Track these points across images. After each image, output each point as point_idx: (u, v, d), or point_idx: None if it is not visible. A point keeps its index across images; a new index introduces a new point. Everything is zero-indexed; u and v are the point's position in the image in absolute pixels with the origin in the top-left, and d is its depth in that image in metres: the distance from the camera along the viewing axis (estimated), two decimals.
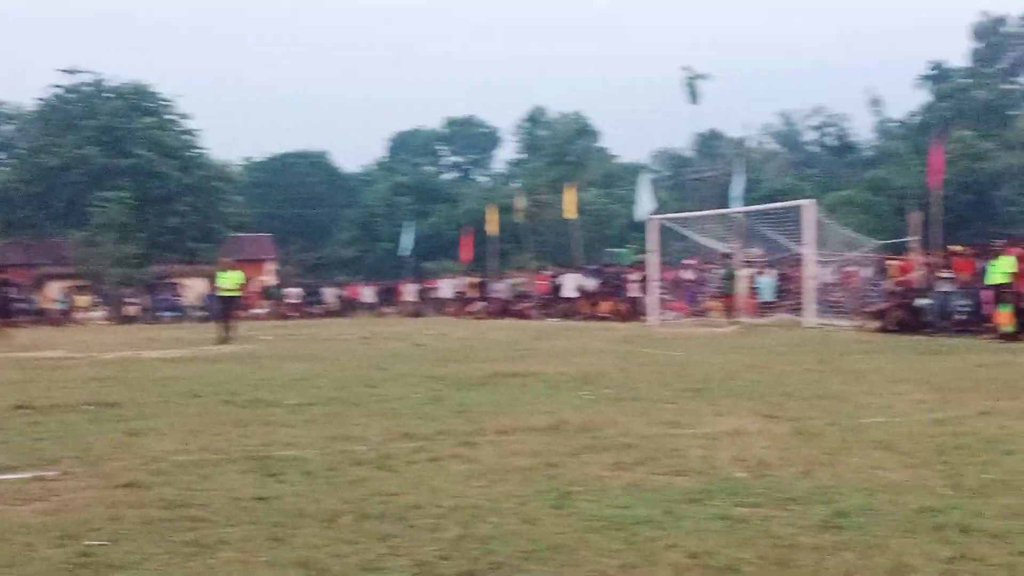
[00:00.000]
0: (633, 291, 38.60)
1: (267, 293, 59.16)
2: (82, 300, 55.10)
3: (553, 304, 42.43)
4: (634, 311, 37.34)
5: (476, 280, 50.77)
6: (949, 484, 6.77)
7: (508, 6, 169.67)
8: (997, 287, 22.65)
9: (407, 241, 60.56)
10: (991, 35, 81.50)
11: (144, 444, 9.01)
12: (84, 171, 62.67)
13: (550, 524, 5.85)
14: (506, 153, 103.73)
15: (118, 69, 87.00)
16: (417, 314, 52.66)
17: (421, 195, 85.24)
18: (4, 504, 6.67)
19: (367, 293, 57.19)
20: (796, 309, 30.86)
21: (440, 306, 53.33)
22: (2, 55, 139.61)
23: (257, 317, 53.54)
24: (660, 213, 38.32)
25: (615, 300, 39.09)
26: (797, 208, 30.82)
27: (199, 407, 11.72)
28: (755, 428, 9.25)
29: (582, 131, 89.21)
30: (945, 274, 25.61)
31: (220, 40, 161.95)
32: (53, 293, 56.26)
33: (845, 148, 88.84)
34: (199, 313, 53.15)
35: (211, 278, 44.34)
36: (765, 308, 33.88)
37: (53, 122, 66.08)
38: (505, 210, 56.91)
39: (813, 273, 29.71)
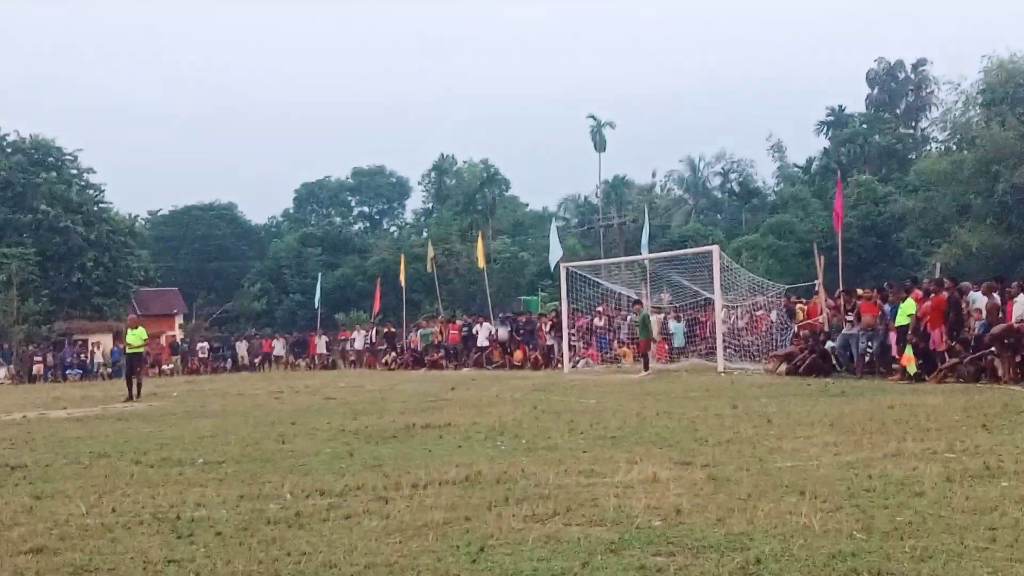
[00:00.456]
0: (546, 339, 38.72)
1: (175, 348, 58.36)
2: None
3: (466, 353, 42.39)
4: (547, 359, 37.45)
5: (388, 331, 50.56)
6: (861, 527, 6.86)
7: (416, 54, 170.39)
8: (901, 329, 23.06)
9: (318, 293, 60.24)
10: (887, 81, 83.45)
11: (51, 507, 8.82)
12: None
13: None
14: (415, 202, 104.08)
15: (17, 125, 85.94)
16: (329, 366, 52.29)
17: (330, 246, 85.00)
18: None
19: (278, 346, 56.63)
20: (707, 354, 31.14)
21: (353, 357, 53.00)
22: None
23: (165, 373, 52.82)
24: (570, 260, 38.55)
25: (528, 348, 39.16)
26: (704, 254, 31.18)
27: (107, 468, 11.50)
28: (669, 475, 9.29)
29: (491, 179, 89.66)
30: (850, 317, 25.99)
31: (123, 93, 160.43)
32: None
33: (749, 193, 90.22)
34: (106, 370, 52.25)
35: (118, 334, 43.69)
36: (676, 353, 34.16)
37: None
38: (415, 260, 56.97)
39: (722, 318, 30.01)
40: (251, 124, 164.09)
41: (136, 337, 27.54)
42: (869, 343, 24.77)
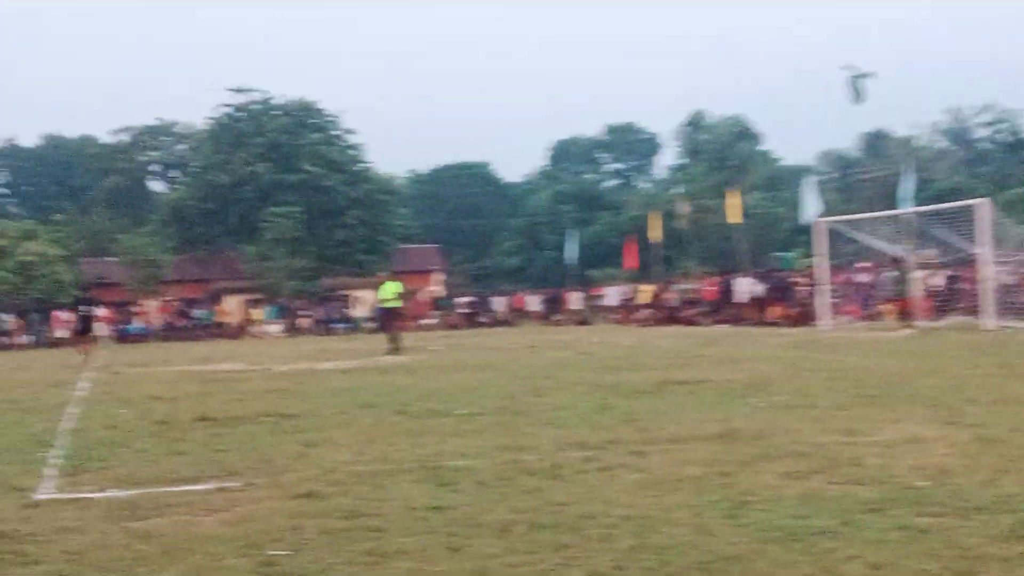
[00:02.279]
0: (802, 295, 37.95)
1: (436, 303, 59.88)
2: (256, 313, 56.58)
3: (721, 310, 41.97)
4: (804, 316, 36.70)
5: (642, 287, 50.45)
6: None
7: (665, 11, 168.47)
8: None
9: (571, 249, 60.57)
10: None
11: (321, 455, 9.22)
12: (254, 187, 64.40)
13: (725, 534, 5.79)
14: (667, 159, 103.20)
15: (285, 88, 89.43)
16: (583, 322, 52.64)
17: (583, 203, 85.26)
18: (189, 514, 6.91)
19: (533, 302, 57.30)
20: (972, 311, 29.88)
21: (606, 314, 53.21)
22: (173, 76, 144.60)
23: (426, 328, 54.27)
24: (827, 215, 37.57)
25: (784, 305, 38.48)
26: (971, 207, 29.87)
27: (373, 418, 11.94)
28: (934, 435, 8.99)
29: (743, 134, 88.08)
30: None
31: (383, 57, 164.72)
32: (228, 307, 57.85)
33: (1019, 145, 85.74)
34: (369, 324, 54.06)
35: (377, 290, 45.10)
36: (940, 310, 32.90)
37: (224, 140, 68.06)
38: (668, 216, 56.63)
39: (990, 274, 28.73)
40: (506, 84, 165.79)
41: (390, 291, 28.36)
42: None
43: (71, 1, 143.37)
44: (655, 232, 51.49)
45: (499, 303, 58.02)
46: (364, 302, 56.71)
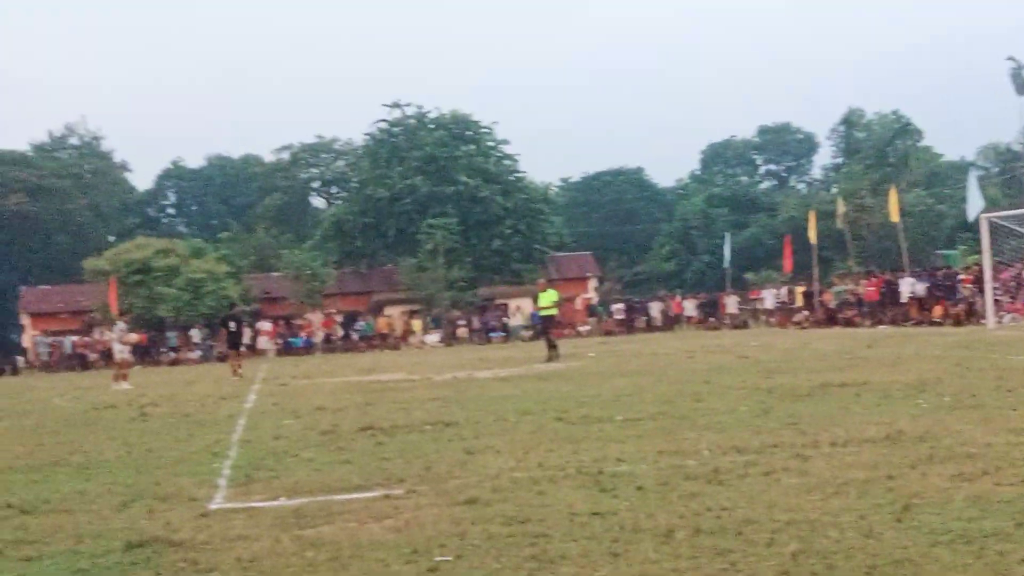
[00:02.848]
0: (966, 294, 36.93)
1: (591, 310, 59.98)
2: (415, 324, 57.44)
3: (882, 311, 41.10)
4: (968, 315, 35.71)
5: (805, 289, 49.70)
6: None
7: (818, 8, 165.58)
8: None
9: (727, 253, 60.00)
10: None
11: (482, 461, 9.33)
12: (412, 200, 65.36)
13: (892, 538, 5.69)
14: (823, 158, 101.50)
15: (437, 101, 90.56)
16: (741, 326, 52.13)
17: (737, 206, 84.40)
18: (356, 522, 7.06)
19: (689, 307, 56.99)
20: None
21: (764, 317, 52.60)
22: (329, 96, 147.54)
23: (582, 334, 54.38)
24: (991, 211, 36.48)
25: (948, 304, 37.50)
26: None
27: (532, 424, 12.03)
28: None
29: (902, 130, 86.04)
30: None
31: (531, 65, 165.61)
32: (388, 319, 58.84)
33: None
34: (526, 333, 54.42)
35: (535, 298, 45.34)
36: None
37: (381, 155, 69.26)
38: (825, 216, 55.61)
39: None
40: (656, 89, 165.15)
41: (547, 299, 28.53)
42: None
43: (228, 26, 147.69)
44: (812, 233, 50.59)
45: (655, 308, 57.81)
46: (520, 311, 57.15)
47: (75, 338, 55.91)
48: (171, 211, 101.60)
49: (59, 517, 7.87)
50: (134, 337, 29.15)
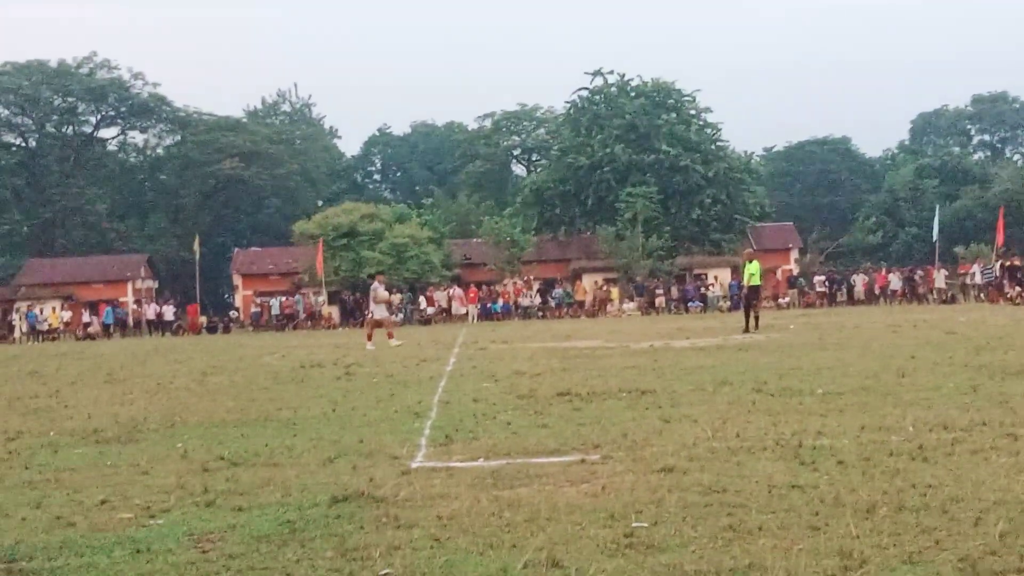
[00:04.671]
0: None
1: (792, 282, 58.96)
2: (613, 292, 57.48)
3: None
4: None
5: (1012, 263, 47.82)
6: None
7: None
8: None
9: (936, 225, 58.12)
10: None
11: (678, 430, 9.31)
12: (611, 169, 65.18)
13: None
14: None
15: (640, 68, 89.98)
16: (949, 301, 50.51)
17: (948, 177, 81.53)
18: (553, 484, 7.14)
19: (895, 280, 55.46)
20: None
21: (974, 292, 50.84)
22: (551, 64, 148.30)
23: (782, 306, 53.52)
24: None
25: None
26: None
27: (729, 395, 11.93)
28: None
29: None
30: None
31: (736, 38, 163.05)
32: (586, 286, 59.05)
33: None
34: (725, 304, 53.86)
35: (735, 268, 44.80)
36: None
37: (582, 124, 69.25)
38: None
39: None
40: (865, 58, 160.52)
41: (753, 269, 28.15)
42: None
43: None
44: None
45: (858, 281, 56.46)
46: (719, 281, 56.60)
47: (283, 298, 57.82)
48: (376, 177, 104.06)
49: (268, 470, 8.18)
50: (386, 295, 29.17)
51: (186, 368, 21.77)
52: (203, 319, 58.56)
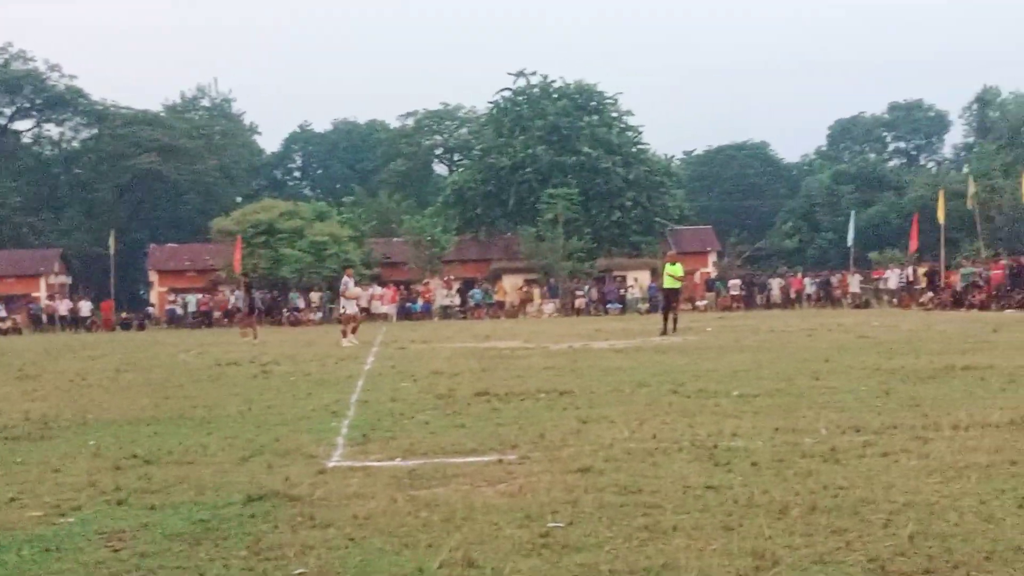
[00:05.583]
0: None
1: (709, 285, 59.55)
2: (533, 293, 57.65)
3: (1010, 295, 40.07)
4: None
5: (925, 270, 48.73)
6: None
7: None
8: None
9: (851, 231, 59.02)
10: None
11: (596, 431, 9.35)
12: (533, 170, 65.42)
13: (1013, 524, 5.57)
14: (955, 137, 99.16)
15: (562, 70, 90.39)
16: (863, 305, 51.30)
17: (864, 183, 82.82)
18: (470, 484, 7.13)
19: (809, 284, 56.25)
20: None
21: (887, 297, 51.69)
22: (474, 64, 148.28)
23: (699, 309, 54.02)
24: None
25: None
26: None
27: (647, 396, 12.01)
28: None
29: None
30: None
31: (657, 33, 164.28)
32: (507, 287, 59.16)
33: None
34: (643, 306, 54.26)
35: (654, 271, 45.11)
36: None
37: (504, 124, 69.37)
38: (954, 197, 54.40)
39: None
40: (783, 65, 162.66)
41: (675, 271, 28.31)
42: None
43: None
44: (941, 213, 49.51)
45: (774, 285, 57.20)
46: (638, 283, 57.01)
47: (200, 296, 57.23)
48: (297, 174, 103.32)
49: (181, 469, 8.07)
50: (357, 291, 28.95)
51: (100, 365, 21.48)
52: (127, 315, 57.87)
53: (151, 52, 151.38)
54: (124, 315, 58.36)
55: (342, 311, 28.90)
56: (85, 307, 56.18)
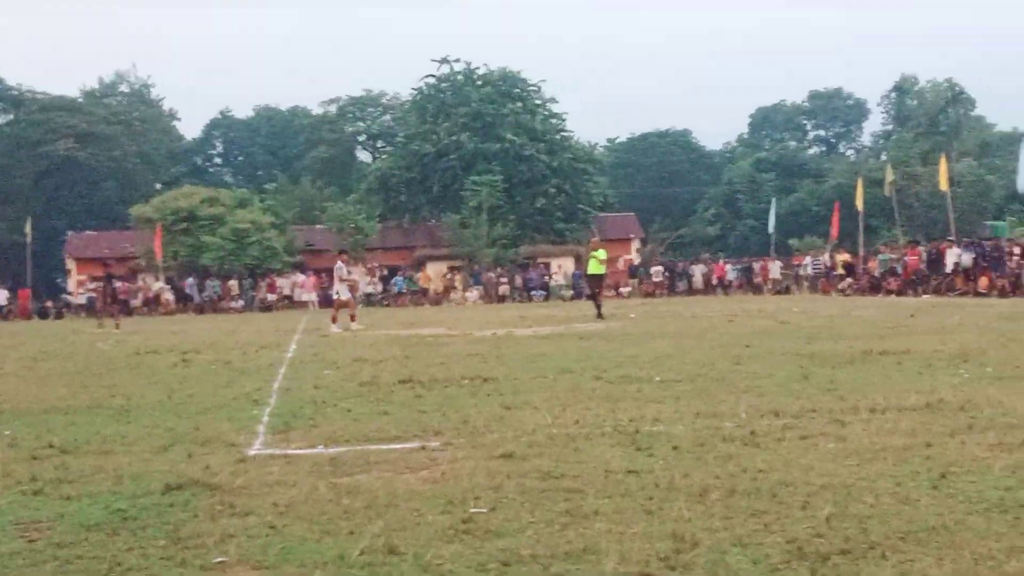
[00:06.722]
0: (1014, 265, 36.56)
1: (632, 271, 59.89)
2: (457, 280, 57.62)
3: (927, 280, 40.77)
4: (1016, 286, 35.37)
5: (841, 256, 49.43)
6: None
7: None
8: None
9: (772, 218, 59.69)
10: None
11: (519, 417, 9.36)
12: (457, 157, 65.29)
13: (928, 505, 5.67)
14: (873, 125, 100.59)
15: (485, 57, 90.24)
16: (783, 291, 51.91)
17: (785, 171, 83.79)
18: (393, 471, 7.11)
19: (731, 271, 56.81)
20: None
21: (807, 283, 52.36)
22: (380, 49, 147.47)
23: (622, 295, 54.32)
24: None
25: (994, 276, 37.13)
26: None
27: (570, 382, 12.05)
28: None
29: (955, 99, 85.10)
30: None
31: (580, 19, 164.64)
32: (430, 274, 59.04)
33: None
34: (567, 292, 54.44)
35: (578, 258, 45.25)
36: None
37: (427, 111, 69.17)
38: (873, 184, 55.22)
39: None
40: (705, 51, 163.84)
41: (600, 257, 28.44)
42: None
43: None
44: (859, 200, 50.23)
45: (697, 272, 57.67)
46: (562, 270, 57.18)
47: (119, 284, 56.41)
48: (218, 161, 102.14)
49: (99, 458, 7.96)
50: (353, 276, 28.57)
51: (16, 354, 21.13)
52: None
53: (68, 36, 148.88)
54: (41, 304, 57.36)
55: (335, 295, 28.53)
56: (1, 296, 55.15)
